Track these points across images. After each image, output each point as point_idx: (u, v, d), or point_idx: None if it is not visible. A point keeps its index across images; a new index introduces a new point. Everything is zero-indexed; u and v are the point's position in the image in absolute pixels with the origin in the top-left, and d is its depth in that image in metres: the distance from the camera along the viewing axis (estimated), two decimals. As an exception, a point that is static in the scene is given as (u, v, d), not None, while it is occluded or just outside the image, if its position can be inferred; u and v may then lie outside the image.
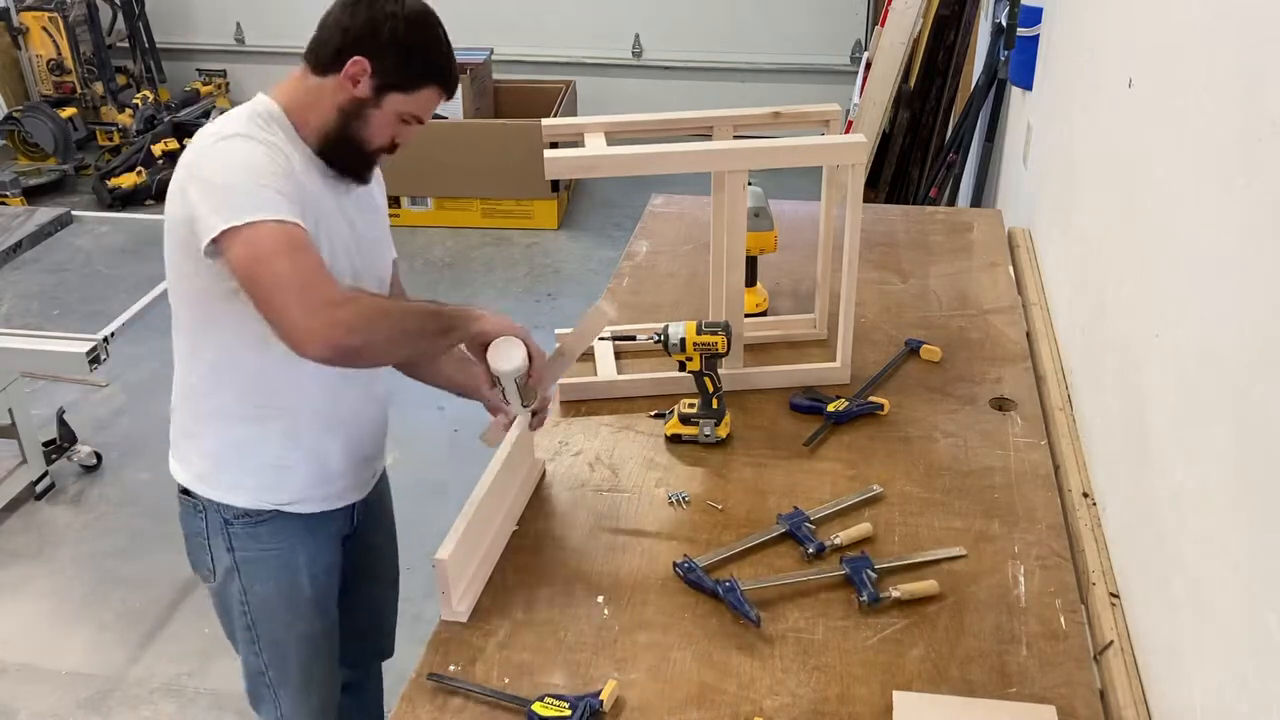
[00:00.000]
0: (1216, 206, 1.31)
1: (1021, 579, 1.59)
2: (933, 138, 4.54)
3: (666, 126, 2.07)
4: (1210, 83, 1.38)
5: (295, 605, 1.75)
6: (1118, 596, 1.58)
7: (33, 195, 5.63)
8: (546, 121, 2.08)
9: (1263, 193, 1.15)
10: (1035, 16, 2.94)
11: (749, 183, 1.99)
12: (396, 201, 5.22)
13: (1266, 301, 1.12)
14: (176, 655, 2.86)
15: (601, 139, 1.95)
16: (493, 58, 5.64)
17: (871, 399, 1.98)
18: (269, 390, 1.63)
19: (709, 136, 2.07)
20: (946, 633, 1.50)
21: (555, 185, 5.18)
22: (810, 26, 6.01)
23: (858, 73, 5.08)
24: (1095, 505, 1.77)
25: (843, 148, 1.91)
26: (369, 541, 1.92)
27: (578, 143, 1.96)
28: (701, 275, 2.33)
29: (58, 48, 5.97)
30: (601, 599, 1.57)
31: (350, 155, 1.61)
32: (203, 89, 6.40)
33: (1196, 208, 1.39)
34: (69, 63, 5.99)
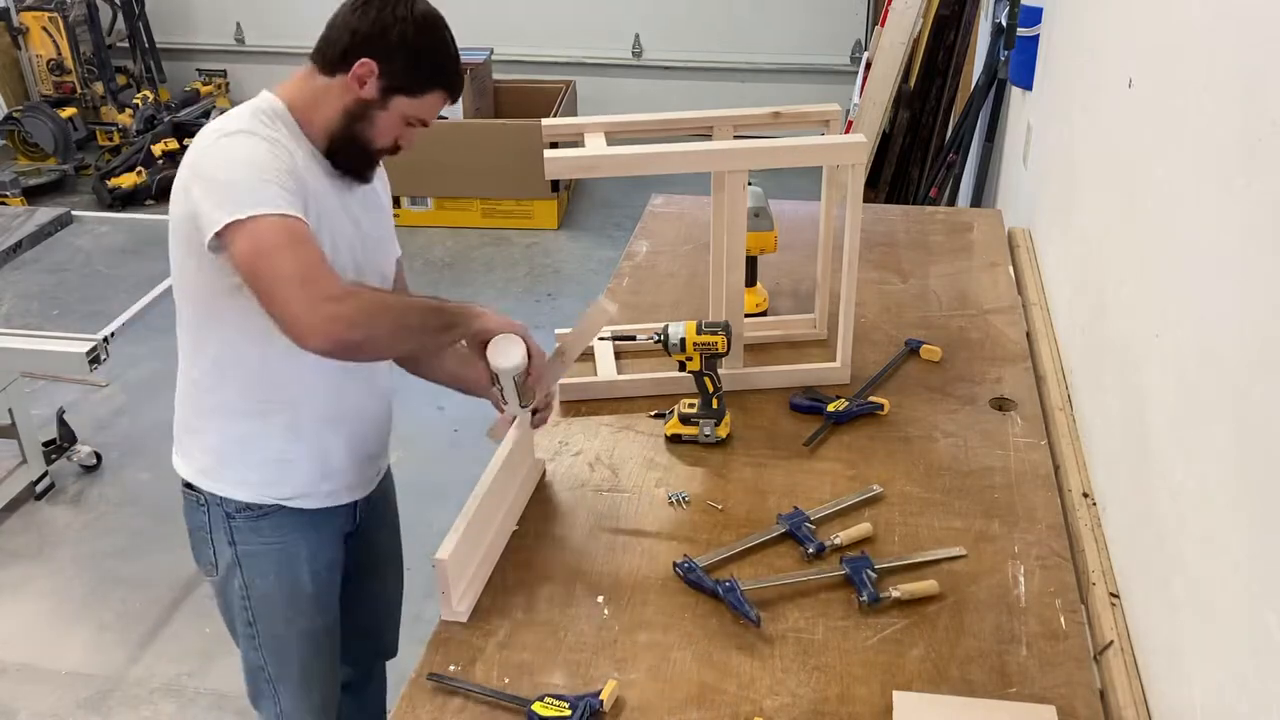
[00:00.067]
0: (1216, 206, 1.31)
1: (1021, 579, 1.59)
2: (933, 138, 4.54)
3: (666, 126, 2.07)
4: (1210, 83, 1.38)
5: (296, 601, 1.76)
6: (1118, 596, 1.58)
7: (33, 195, 5.63)
8: (546, 121, 2.08)
9: (1263, 193, 1.15)
10: (1035, 16, 2.94)
11: (749, 183, 1.99)
12: (397, 201, 5.22)
13: (1266, 301, 1.12)
14: (176, 655, 2.86)
15: (601, 139, 1.95)
16: (493, 58, 5.65)
17: (871, 399, 1.98)
18: (271, 384, 1.64)
19: (709, 136, 2.07)
20: (946, 633, 1.50)
21: (555, 185, 5.18)
22: (810, 26, 6.01)
23: (858, 73, 5.08)
24: (1095, 505, 1.77)
25: (843, 148, 1.91)
26: (372, 539, 1.93)
27: (578, 143, 1.96)
28: (701, 275, 2.33)
29: (58, 48, 5.97)
30: (601, 599, 1.57)
31: (354, 155, 1.61)
32: (203, 89, 6.40)
33: (1196, 208, 1.39)
34: (69, 63, 5.99)
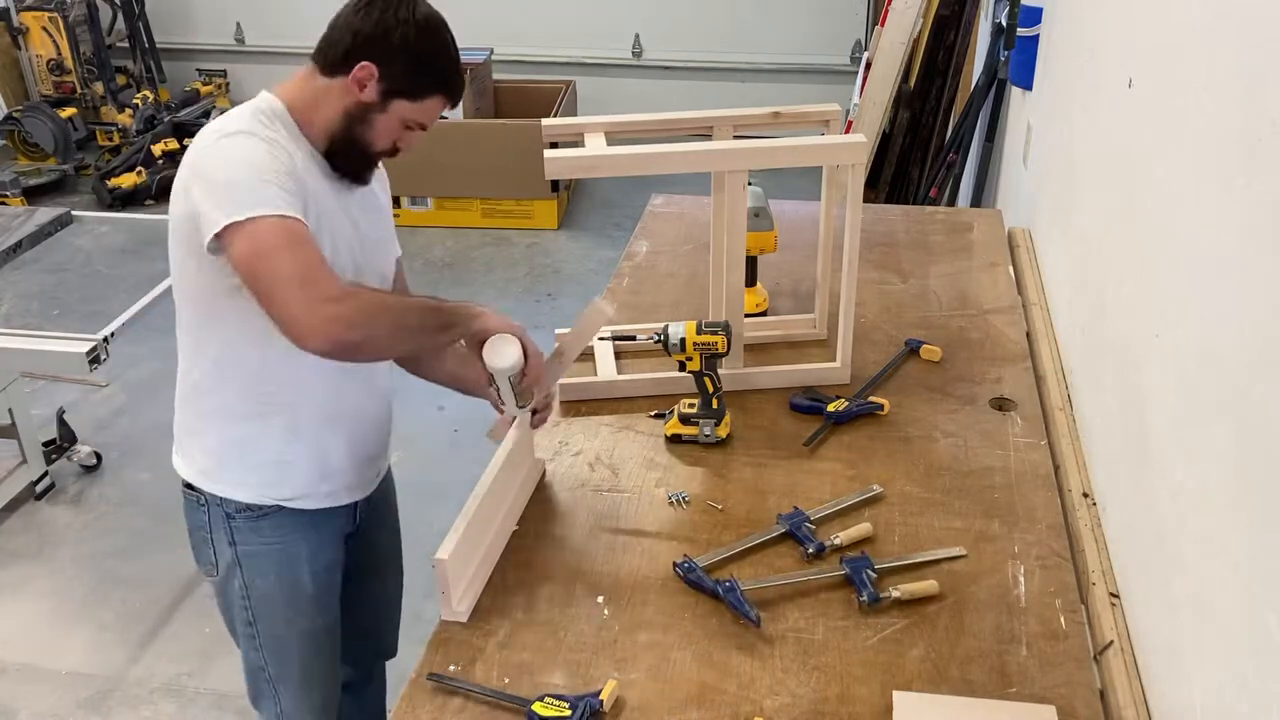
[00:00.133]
0: (1216, 206, 1.31)
1: (1021, 579, 1.59)
2: (933, 138, 4.54)
3: (666, 126, 2.07)
4: (1210, 83, 1.38)
5: (296, 601, 1.76)
6: (1118, 596, 1.58)
7: (33, 195, 5.63)
8: (546, 121, 2.08)
9: (1263, 193, 1.15)
10: (1035, 16, 2.94)
11: (749, 183, 1.99)
12: (396, 201, 5.21)
13: (1266, 301, 1.12)
14: (176, 655, 2.86)
15: (601, 139, 1.95)
16: (493, 58, 5.64)
17: (871, 399, 1.98)
18: (271, 385, 1.64)
19: (709, 136, 2.07)
20: (946, 633, 1.50)
21: (555, 185, 5.18)
22: (810, 26, 6.01)
23: (858, 73, 5.08)
24: (1095, 505, 1.77)
25: (843, 148, 1.91)
26: (372, 540, 1.93)
27: (578, 143, 1.96)
28: (701, 275, 2.33)
29: (58, 48, 5.97)
30: (601, 599, 1.57)
31: (353, 158, 1.61)
32: (203, 89, 6.40)
33: (1196, 208, 1.39)
34: (69, 63, 5.99)
